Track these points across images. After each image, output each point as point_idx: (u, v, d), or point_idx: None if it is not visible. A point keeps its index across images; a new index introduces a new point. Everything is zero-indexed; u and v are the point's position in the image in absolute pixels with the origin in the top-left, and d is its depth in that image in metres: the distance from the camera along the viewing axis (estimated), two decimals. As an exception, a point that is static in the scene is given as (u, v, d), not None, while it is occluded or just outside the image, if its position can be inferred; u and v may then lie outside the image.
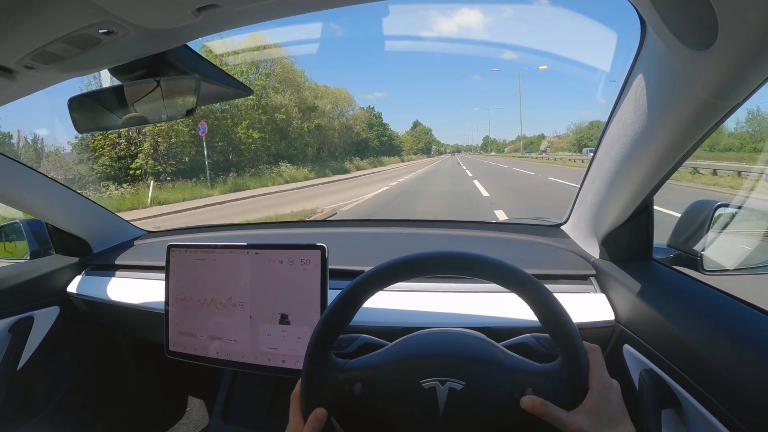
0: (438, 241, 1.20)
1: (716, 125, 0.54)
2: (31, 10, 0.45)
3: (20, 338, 1.11)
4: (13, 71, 0.58)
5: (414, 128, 69.54)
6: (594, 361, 0.52)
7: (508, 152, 64.28)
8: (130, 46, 0.56)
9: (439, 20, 72.21)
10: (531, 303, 0.53)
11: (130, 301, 1.09)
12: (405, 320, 0.81)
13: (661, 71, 0.54)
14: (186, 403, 1.52)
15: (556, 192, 10.13)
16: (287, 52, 22.86)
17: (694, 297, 0.67)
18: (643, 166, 0.66)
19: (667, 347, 0.62)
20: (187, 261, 0.91)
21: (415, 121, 72.50)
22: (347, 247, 1.11)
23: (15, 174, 1.02)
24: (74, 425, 1.24)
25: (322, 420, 0.52)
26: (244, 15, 0.53)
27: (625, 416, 0.49)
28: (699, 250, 0.78)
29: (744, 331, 0.55)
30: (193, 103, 0.64)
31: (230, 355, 0.86)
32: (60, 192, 1.15)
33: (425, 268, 0.55)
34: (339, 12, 22.10)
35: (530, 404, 0.49)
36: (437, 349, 0.56)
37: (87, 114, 0.70)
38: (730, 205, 0.80)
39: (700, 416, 0.55)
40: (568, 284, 0.87)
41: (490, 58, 59.48)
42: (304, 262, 0.81)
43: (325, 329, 0.55)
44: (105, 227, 1.32)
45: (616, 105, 0.67)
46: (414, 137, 66.85)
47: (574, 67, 48.63)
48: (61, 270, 1.21)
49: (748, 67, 0.42)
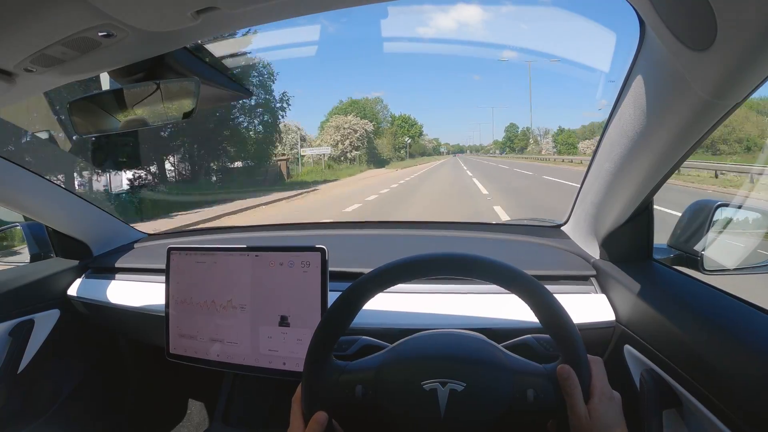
0: (438, 242, 1.20)
1: (716, 125, 0.54)
2: (30, 14, 0.45)
3: (21, 342, 1.10)
4: (12, 74, 0.58)
5: (393, 123, 41.45)
6: (596, 371, 0.53)
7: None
8: (129, 49, 0.56)
9: (436, 18, 71.78)
10: (531, 304, 0.53)
11: (130, 304, 1.08)
12: (405, 322, 0.81)
13: (660, 71, 0.54)
14: (187, 406, 1.52)
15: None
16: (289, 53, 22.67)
17: (694, 297, 0.67)
18: (643, 167, 0.66)
19: (668, 347, 0.62)
20: (188, 263, 0.91)
21: (403, 115, 44.05)
22: (347, 249, 1.11)
23: (14, 177, 1.01)
24: (75, 428, 1.24)
25: (323, 423, 0.52)
26: (243, 17, 0.53)
27: (621, 424, 0.50)
28: (699, 250, 0.78)
29: (744, 331, 0.55)
30: (192, 105, 0.65)
31: (231, 358, 0.86)
32: (60, 195, 1.15)
33: (425, 269, 0.55)
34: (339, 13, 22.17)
35: (566, 373, 0.50)
36: (438, 351, 0.56)
37: (87, 117, 0.71)
38: (730, 204, 0.80)
39: (701, 415, 0.55)
40: (568, 285, 0.87)
41: (489, 58, 58.96)
42: (305, 264, 0.81)
43: (325, 331, 0.55)
44: (105, 230, 1.32)
45: (616, 105, 0.67)
46: (392, 134, 40.54)
47: (573, 67, 48.65)
48: (61, 273, 1.21)
49: (747, 67, 0.42)
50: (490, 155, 56.41)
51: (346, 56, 48.44)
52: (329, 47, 43.25)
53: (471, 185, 12.99)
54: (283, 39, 17.30)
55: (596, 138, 0.94)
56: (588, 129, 39.82)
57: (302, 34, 19.11)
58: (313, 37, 23.14)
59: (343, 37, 42.31)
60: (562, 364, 0.51)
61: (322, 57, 44.17)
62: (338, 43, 43.17)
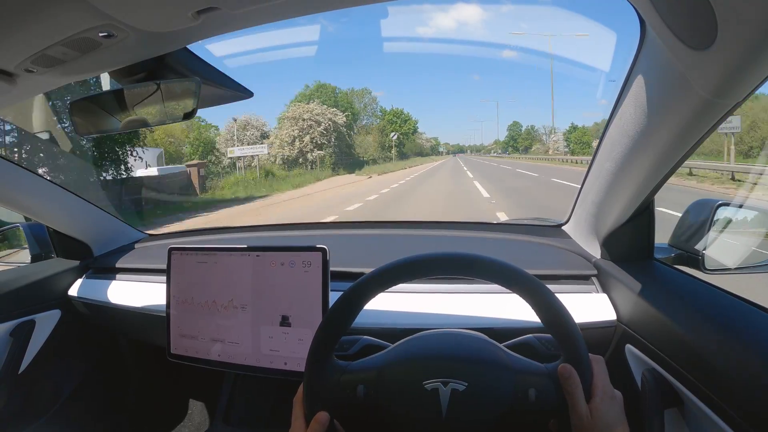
0: (439, 242, 1.20)
1: (716, 124, 0.54)
2: (31, 14, 0.45)
3: (22, 342, 1.11)
4: (13, 75, 0.58)
5: (383, 118, 35.59)
6: (598, 370, 0.53)
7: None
8: (130, 50, 0.56)
9: (437, 18, 71.48)
10: (533, 303, 0.53)
11: (131, 304, 1.08)
12: (407, 321, 0.81)
13: (661, 71, 0.54)
14: (188, 406, 1.52)
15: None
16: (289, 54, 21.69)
17: (695, 296, 0.67)
18: (643, 166, 0.66)
19: (670, 346, 0.62)
20: (188, 264, 0.91)
21: (395, 109, 37.97)
22: (348, 248, 1.11)
23: (15, 177, 1.02)
24: (76, 429, 1.24)
25: (324, 424, 0.52)
26: (244, 17, 0.53)
27: (623, 424, 0.50)
28: (700, 249, 0.78)
29: (746, 330, 0.55)
30: (193, 105, 0.65)
31: (232, 358, 0.86)
32: (60, 195, 1.15)
33: (427, 269, 0.55)
34: (339, 13, 22.08)
35: (567, 373, 0.50)
36: (439, 350, 0.56)
37: (88, 117, 0.71)
38: (731, 204, 0.80)
39: (702, 415, 0.55)
40: (569, 284, 0.86)
41: (489, 58, 58.59)
42: (306, 264, 0.81)
43: (326, 331, 0.55)
44: (106, 230, 1.32)
45: (617, 105, 0.67)
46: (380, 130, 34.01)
47: (573, 67, 48.50)
48: (62, 273, 1.21)
49: (748, 66, 0.42)
50: (492, 155, 52.34)
51: (346, 56, 48.46)
52: (329, 47, 43.27)
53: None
54: (284, 39, 17.05)
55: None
56: (602, 126, 38.12)
57: (302, 34, 19.00)
58: (313, 37, 22.76)
59: (343, 37, 42.32)
60: (564, 364, 0.51)
61: (322, 57, 44.17)
62: (338, 43, 43.19)
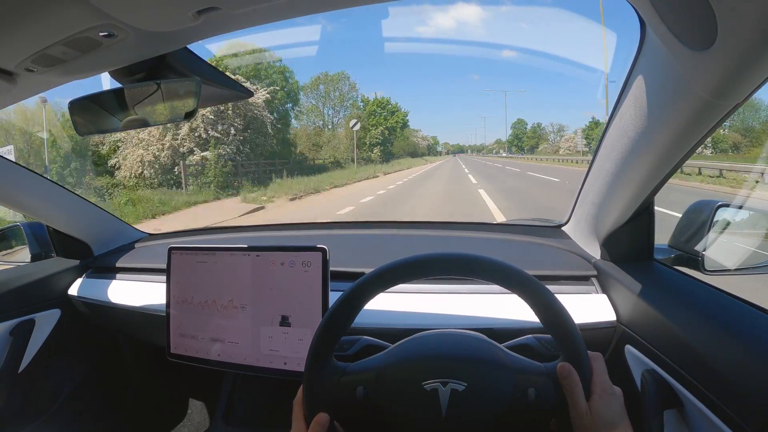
0: (439, 242, 1.20)
1: (716, 125, 0.54)
2: (31, 14, 0.45)
3: (21, 341, 1.11)
4: (13, 74, 0.58)
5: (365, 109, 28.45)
6: (597, 367, 0.53)
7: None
8: (130, 49, 0.56)
9: (437, 18, 71.38)
10: (532, 304, 0.53)
11: (131, 304, 1.08)
12: (406, 322, 0.81)
13: (661, 72, 0.54)
14: (187, 406, 1.52)
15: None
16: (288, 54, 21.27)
17: (695, 297, 0.67)
18: (643, 167, 0.66)
19: (669, 347, 0.62)
20: (188, 263, 0.91)
21: (379, 98, 30.10)
22: (348, 248, 1.11)
23: (15, 177, 1.02)
24: (75, 428, 1.24)
25: (324, 425, 0.52)
26: (244, 17, 0.53)
27: (624, 421, 0.50)
28: (700, 250, 0.78)
29: (746, 331, 0.55)
30: (193, 105, 0.65)
31: (232, 358, 0.86)
32: (60, 194, 1.15)
33: (427, 269, 0.55)
34: (339, 13, 21.72)
35: (566, 371, 0.50)
36: (439, 351, 0.56)
37: (88, 117, 0.70)
38: (731, 205, 0.80)
39: (702, 416, 0.55)
40: (569, 285, 0.86)
41: (488, 58, 58.45)
42: (306, 264, 0.81)
43: (326, 331, 0.55)
44: (106, 230, 1.32)
45: (617, 106, 0.67)
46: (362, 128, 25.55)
47: (573, 68, 48.43)
48: (62, 273, 1.21)
49: (748, 67, 0.42)
50: (494, 155, 48.98)
51: (346, 56, 48.46)
52: (329, 47, 43.23)
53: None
54: (283, 39, 16.94)
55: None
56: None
57: (302, 34, 19.01)
58: (314, 37, 22.84)
59: (344, 37, 42.28)
60: (563, 362, 0.51)
61: (322, 57, 44.14)
62: (338, 43, 43.17)
